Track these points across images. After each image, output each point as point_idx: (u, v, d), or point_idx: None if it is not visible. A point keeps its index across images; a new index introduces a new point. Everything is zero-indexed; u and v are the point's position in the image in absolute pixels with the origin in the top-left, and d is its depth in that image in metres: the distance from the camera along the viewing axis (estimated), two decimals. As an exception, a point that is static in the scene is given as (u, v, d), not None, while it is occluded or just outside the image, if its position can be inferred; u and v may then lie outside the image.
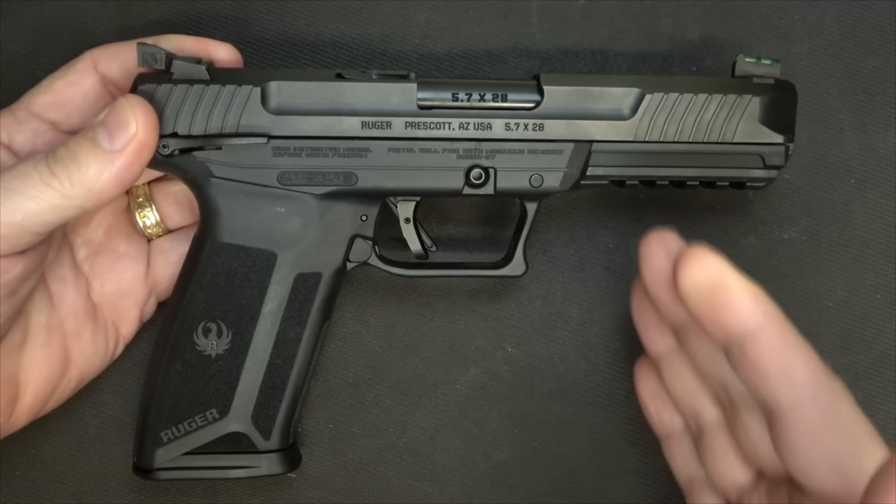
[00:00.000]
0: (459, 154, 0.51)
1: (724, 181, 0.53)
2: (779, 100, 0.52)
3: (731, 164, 0.52)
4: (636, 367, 0.54)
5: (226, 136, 0.50)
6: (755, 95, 0.51)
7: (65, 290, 0.53)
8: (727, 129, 0.51)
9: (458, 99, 0.51)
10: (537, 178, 0.52)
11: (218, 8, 0.58)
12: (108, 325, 0.55)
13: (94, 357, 0.54)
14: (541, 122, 0.51)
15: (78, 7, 0.57)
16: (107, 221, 0.55)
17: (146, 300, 0.56)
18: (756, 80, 0.52)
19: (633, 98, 0.51)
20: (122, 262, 0.55)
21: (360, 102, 0.50)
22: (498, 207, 0.59)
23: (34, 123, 0.51)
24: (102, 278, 0.55)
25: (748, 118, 0.51)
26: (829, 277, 0.60)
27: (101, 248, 0.55)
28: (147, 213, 0.56)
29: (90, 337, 0.54)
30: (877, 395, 0.60)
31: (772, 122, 0.52)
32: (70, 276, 0.53)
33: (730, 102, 0.51)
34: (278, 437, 0.53)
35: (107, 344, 0.55)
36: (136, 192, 0.56)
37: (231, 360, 0.52)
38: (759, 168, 0.52)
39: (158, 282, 0.56)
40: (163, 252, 0.56)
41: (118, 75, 0.51)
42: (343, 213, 0.52)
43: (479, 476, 0.60)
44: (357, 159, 0.51)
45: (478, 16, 0.59)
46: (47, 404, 0.53)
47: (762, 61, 0.52)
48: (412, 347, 0.60)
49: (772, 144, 0.52)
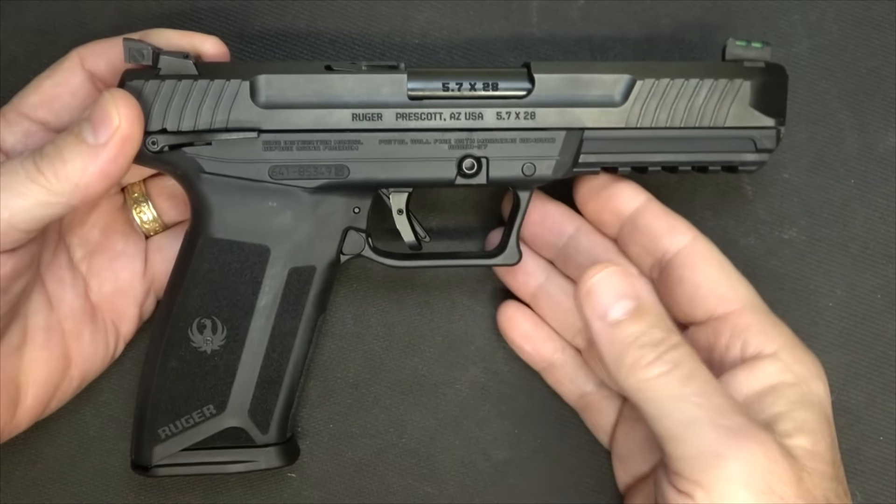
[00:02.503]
0: (451, 144, 0.51)
1: (717, 165, 0.52)
2: (770, 83, 0.52)
3: (723, 149, 0.52)
4: (501, 320, 0.57)
5: (215, 132, 0.50)
6: (746, 79, 0.51)
7: (63, 290, 0.53)
8: (718, 114, 0.51)
9: (449, 89, 0.50)
10: (529, 166, 0.52)
11: (217, 7, 0.58)
12: (108, 325, 0.55)
13: (95, 357, 0.54)
14: (532, 111, 0.51)
15: (78, 7, 0.58)
16: (102, 220, 0.55)
17: (145, 298, 0.56)
18: (747, 64, 0.52)
19: (624, 84, 0.51)
20: (119, 260, 0.55)
21: (350, 94, 0.50)
22: (492, 195, 0.59)
23: (25, 124, 0.51)
24: (100, 277, 0.55)
25: (739, 102, 0.51)
26: (829, 277, 0.60)
27: (97, 247, 0.55)
28: (144, 209, 0.56)
29: (90, 337, 0.54)
30: (877, 394, 0.60)
31: (763, 106, 0.51)
32: (68, 276, 0.53)
33: (721, 87, 0.51)
34: (276, 431, 0.53)
35: (107, 343, 0.55)
36: (131, 189, 0.56)
37: (226, 356, 0.52)
38: (750, 152, 0.52)
39: (156, 279, 0.56)
40: (160, 249, 0.56)
41: (106, 72, 0.51)
42: (335, 205, 0.52)
43: (478, 476, 0.60)
44: (348, 152, 0.51)
45: (478, 16, 0.59)
46: (49, 405, 0.53)
47: (752, 44, 0.52)
48: (412, 347, 0.60)
49: (763, 128, 0.52)
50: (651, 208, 0.53)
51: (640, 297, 0.45)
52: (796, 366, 0.47)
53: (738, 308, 0.49)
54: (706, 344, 0.50)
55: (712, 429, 0.41)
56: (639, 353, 0.44)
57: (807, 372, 0.47)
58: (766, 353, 0.47)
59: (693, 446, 0.42)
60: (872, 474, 0.60)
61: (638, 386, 0.44)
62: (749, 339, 0.48)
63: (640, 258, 0.54)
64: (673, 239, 0.52)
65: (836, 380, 0.60)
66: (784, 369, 0.47)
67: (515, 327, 0.57)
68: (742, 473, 0.41)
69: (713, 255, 0.51)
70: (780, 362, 0.47)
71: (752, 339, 0.48)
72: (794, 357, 0.47)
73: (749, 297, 0.50)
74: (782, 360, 0.47)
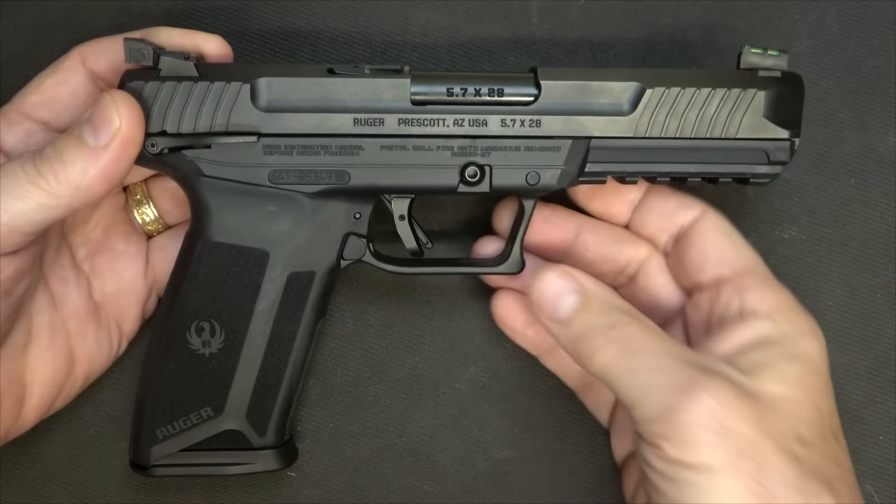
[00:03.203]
0: (454, 151, 0.50)
1: (727, 177, 0.51)
2: (785, 94, 0.50)
3: (735, 160, 0.51)
4: (499, 310, 0.57)
5: (215, 135, 0.49)
6: (760, 89, 0.50)
7: (66, 290, 0.53)
8: (731, 125, 0.50)
9: (453, 94, 0.50)
10: (534, 175, 0.51)
11: (218, 7, 0.58)
12: (111, 324, 0.55)
13: (99, 355, 0.55)
14: (538, 119, 0.50)
15: (78, 5, 0.58)
16: (105, 220, 0.55)
17: (147, 297, 0.56)
18: (762, 73, 0.50)
19: (632, 93, 0.50)
20: (121, 260, 0.55)
21: (352, 99, 0.49)
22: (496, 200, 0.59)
23: (25, 124, 0.51)
24: (103, 277, 0.55)
25: (753, 113, 0.50)
26: (829, 277, 0.60)
27: (100, 247, 0.55)
28: (145, 210, 0.56)
29: (94, 336, 0.54)
30: (877, 393, 0.60)
31: (777, 117, 0.50)
32: (71, 276, 0.54)
33: (734, 97, 0.50)
34: (273, 434, 0.53)
35: (111, 342, 0.55)
36: (133, 189, 0.56)
37: (224, 359, 0.52)
38: (763, 164, 0.51)
39: (158, 279, 0.56)
40: (161, 249, 0.56)
41: (106, 71, 0.51)
42: (336, 211, 0.52)
43: (478, 475, 0.60)
44: (349, 157, 0.50)
45: (478, 15, 0.59)
46: (54, 405, 0.54)
47: (769, 52, 0.50)
48: (412, 346, 0.60)
49: (777, 140, 0.50)
50: (658, 190, 0.54)
51: (584, 288, 0.48)
52: (785, 324, 0.48)
53: (740, 271, 0.51)
54: (707, 304, 0.51)
55: (664, 388, 0.45)
56: (591, 341, 0.47)
57: (795, 330, 0.48)
58: (759, 311, 0.49)
59: (651, 407, 0.45)
60: (872, 474, 0.60)
61: (599, 370, 0.47)
62: (746, 298, 0.49)
63: (655, 237, 0.55)
64: (685, 213, 0.53)
65: (836, 380, 0.59)
66: (772, 326, 0.48)
67: (514, 315, 0.57)
68: (697, 417, 0.44)
69: (722, 224, 0.53)
70: (769, 320, 0.48)
71: (749, 298, 0.49)
72: (786, 317, 0.48)
73: (753, 262, 0.52)
74: (772, 319, 0.48)
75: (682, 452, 0.44)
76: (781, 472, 0.44)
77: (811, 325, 0.49)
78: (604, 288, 0.49)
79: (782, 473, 0.44)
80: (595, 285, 0.49)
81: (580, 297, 0.48)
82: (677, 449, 0.44)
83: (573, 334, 0.48)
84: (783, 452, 0.44)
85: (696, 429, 0.44)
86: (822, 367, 0.48)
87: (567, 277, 0.49)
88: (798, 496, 0.44)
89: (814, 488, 0.44)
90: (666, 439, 0.44)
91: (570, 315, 0.48)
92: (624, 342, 0.47)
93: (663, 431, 0.44)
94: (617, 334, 0.47)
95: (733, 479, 0.43)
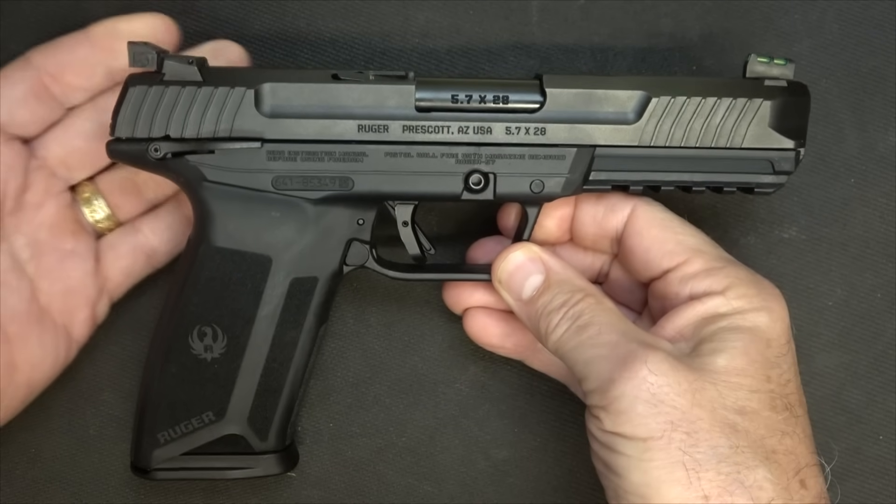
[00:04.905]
0: (458, 159, 0.50)
1: (732, 187, 0.51)
2: (791, 103, 0.50)
3: (740, 170, 0.50)
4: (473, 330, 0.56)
5: (219, 140, 0.49)
6: (766, 99, 0.50)
7: (7, 294, 0.52)
8: (736, 135, 0.50)
9: (458, 101, 0.50)
10: (538, 183, 0.51)
11: (218, 7, 0.58)
12: (58, 328, 0.54)
13: (44, 362, 0.53)
14: (543, 126, 0.50)
15: (78, 5, 0.57)
16: (50, 220, 0.53)
17: (97, 299, 0.55)
18: (768, 83, 0.50)
19: (638, 101, 0.50)
20: (69, 260, 0.54)
21: (357, 105, 0.49)
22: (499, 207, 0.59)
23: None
24: (50, 278, 0.53)
25: (758, 123, 0.50)
26: (829, 276, 0.60)
27: (45, 247, 0.53)
28: (96, 207, 0.55)
29: (37, 341, 0.53)
30: (877, 393, 0.60)
31: (783, 127, 0.50)
32: (12, 279, 0.52)
33: (739, 106, 0.50)
34: (275, 439, 0.53)
35: (56, 347, 0.54)
36: (81, 188, 0.55)
37: (226, 364, 0.52)
38: (768, 174, 0.51)
39: (109, 278, 0.55)
40: (112, 247, 0.55)
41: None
42: (339, 217, 0.51)
43: (478, 475, 0.60)
44: (353, 163, 0.50)
45: (478, 15, 0.59)
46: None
47: (775, 61, 0.50)
48: (412, 346, 0.60)
49: (782, 150, 0.50)
50: (586, 198, 0.54)
51: (548, 268, 0.51)
52: (736, 301, 0.48)
53: (686, 258, 0.50)
54: (662, 293, 0.52)
55: (606, 361, 0.47)
56: (548, 319, 0.50)
57: (746, 304, 0.48)
58: (713, 290, 0.49)
59: (594, 380, 0.47)
60: (872, 474, 0.60)
61: (555, 348, 0.49)
62: (696, 283, 0.49)
63: (598, 245, 0.55)
64: (616, 216, 0.53)
65: (836, 379, 0.60)
66: (723, 303, 0.48)
67: (488, 329, 0.56)
68: (632, 389, 0.45)
69: (654, 216, 0.52)
70: (721, 297, 0.48)
71: (700, 283, 0.49)
72: (738, 293, 0.48)
73: (696, 244, 0.51)
74: (724, 296, 0.49)
75: (617, 424, 0.45)
76: (714, 443, 0.45)
77: (764, 297, 0.49)
78: (567, 268, 0.51)
79: (715, 445, 0.45)
80: (558, 265, 0.51)
81: (544, 277, 0.51)
82: (612, 420, 0.45)
83: (534, 313, 0.50)
84: (719, 424, 0.45)
85: (630, 400, 0.45)
86: (775, 338, 0.48)
87: (533, 257, 0.51)
88: (728, 468, 0.44)
89: (747, 460, 0.45)
90: (604, 410, 0.46)
91: (531, 295, 0.51)
92: (575, 319, 0.49)
93: (602, 403, 0.46)
94: (571, 312, 0.49)
95: (663, 451, 0.44)
